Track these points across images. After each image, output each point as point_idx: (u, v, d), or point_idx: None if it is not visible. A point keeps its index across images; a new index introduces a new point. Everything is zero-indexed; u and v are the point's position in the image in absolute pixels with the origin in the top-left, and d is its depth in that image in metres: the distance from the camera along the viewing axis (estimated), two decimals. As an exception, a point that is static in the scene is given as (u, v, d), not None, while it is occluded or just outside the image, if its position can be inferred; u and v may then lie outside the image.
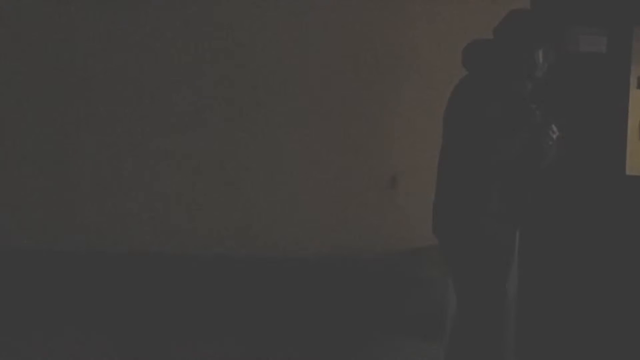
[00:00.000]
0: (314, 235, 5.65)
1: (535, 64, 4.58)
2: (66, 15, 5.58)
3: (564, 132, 4.60)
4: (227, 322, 5.50)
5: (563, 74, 5.85)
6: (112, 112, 5.62)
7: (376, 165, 5.64)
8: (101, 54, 5.60)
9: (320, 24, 5.64)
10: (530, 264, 5.84)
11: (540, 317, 5.88)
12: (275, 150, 5.64)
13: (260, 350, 5.48)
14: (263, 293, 5.50)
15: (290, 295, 5.51)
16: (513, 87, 4.58)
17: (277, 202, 5.65)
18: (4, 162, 5.60)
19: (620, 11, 5.85)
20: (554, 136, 4.59)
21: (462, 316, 4.68)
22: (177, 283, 5.49)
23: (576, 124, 5.87)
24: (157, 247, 5.59)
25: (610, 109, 5.87)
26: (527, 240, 5.82)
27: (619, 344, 5.86)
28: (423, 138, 5.49)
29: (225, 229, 5.63)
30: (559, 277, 5.89)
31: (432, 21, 5.64)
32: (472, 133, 4.48)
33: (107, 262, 5.51)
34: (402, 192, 5.59)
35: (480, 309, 4.64)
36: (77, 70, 5.60)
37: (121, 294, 5.48)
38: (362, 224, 5.64)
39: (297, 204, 5.66)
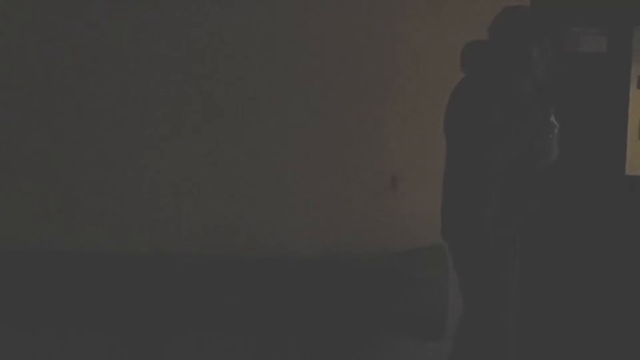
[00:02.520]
0: (314, 235, 5.64)
1: (531, 61, 4.55)
2: (69, 15, 5.58)
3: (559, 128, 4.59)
4: (227, 322, 5.50)
5: (563, 74, 5.85)
6: (112, 113, 5.62)
7: (376, 166, 5.63)
8: (102, 53, 5.60)
9: (320, 24, 5.64)
10: (530, 264, 5.83)
11: (540, 317, 5.87)
12: (275, 151, 5.64)
13: (260, 350, 5.48)
14: (263, 293, 5.50)
15: (289, 295, 5.50)
16: (512, 86, 4.56)
17: (277, 202, 5.65)
18: (5, 162, 5.60)
19: (620, 11, 5.85)
20: (555, 130, 4.56)
21: (466, 318, 4.70)
22: (177, 283, 5.49)
23: (576, 124, 5.87)
24: (157, 247, 5.59)
25: (610, 108, 5.87)
26: (527, 240, 5.81)
27: (619, 344, 5.86)
28: (423, 138, 5.49)
29: (225, 229, 5.63)
30: (559, 277, 5.89)
31: (433, 21, 5.63)
32: (473, 137, 4.46)
33: (107, 262, 5.51)
34: (402, 192, 5.59)
35: (484, 310, 4.66)
36: (78, 69, 5.59)
37: (121, 294, 5.48)
38: (362, 224, 5.64)
39: (297, 204, 5.65)
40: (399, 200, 5.60)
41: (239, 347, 5.50)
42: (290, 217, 5.65)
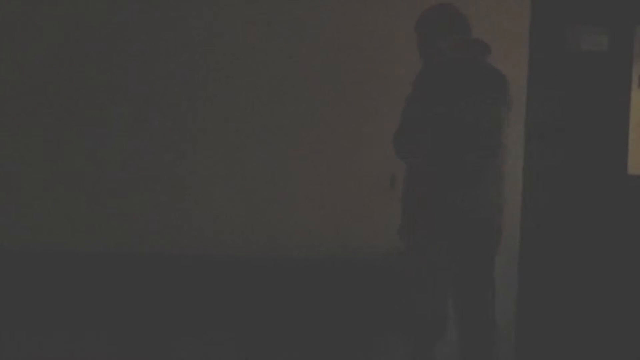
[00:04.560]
0: (314, 235, 5.64)
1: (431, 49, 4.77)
2: (69, 15, 5.59)
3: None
4: (227, 322, 5.49)
5: (564, 72, 5.84)
6: (114, 112, 5.62)
7: (376, 165, 5.62)
8: (103, 52, 5.60)
9: (319, 25, 5.63)
10: (531, 263, 5.82)
11: (540, 317, 5.86)
12: (274, 151, 5.64)
13: (260, 351, 5.47)
14: (263, 293, 5.50)
15: (290, 295, 5.50)
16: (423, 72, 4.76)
17: (277, 202, 5.65)
18: (6, 162, 5.61)
19: (621, 9, 5.84)
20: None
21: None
22: (177, 283, 5.49)
23: (577, 123, 5.86)
24: (157, 247, 5.59)
25: (612, 107, 5.85)
26: (528, 240, 5.80)
27: (620, 344, 5.84)
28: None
29: (225, 229, 5.63)
30: (560, 277, 5.87)
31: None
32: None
33: (107, 262, 5.51)
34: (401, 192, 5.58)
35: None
36: (79, 68, 5.60)
37: (121, 294, 5.48)
38: (362, 224, 5.63)
39: (297, 204, 5.65)
40: (399, 200, 5.58)
41: (239, 347, 5.49)
42: (289, 217, 5.64)
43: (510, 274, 5.67)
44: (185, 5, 5.61)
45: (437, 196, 4.62)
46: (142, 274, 5.50)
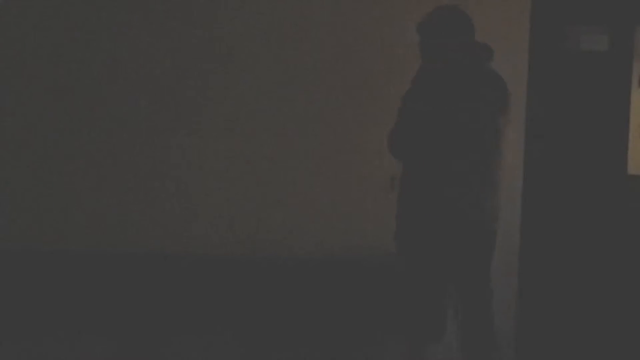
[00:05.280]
0: (315, 235, 5.64)
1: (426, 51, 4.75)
2: (70, 15, 5.59)
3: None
4: (227, 322, 5.50)
5: (564, 72, 5.83)
6: (115, 111, 5.62)
7: (375, 166, 5.62)
8: (104, 50, 5.60)
9: (319, 25, 5.63)
10: (531, 263, 5.82)
11: (540, 317, 5.86)
12: (274, 152, 5.64)
13: (260, 351, 5.48)
14: (263, 293, 5.50)
15: (290, 295, 5.50)
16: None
17: (277, 203, 5.65)
18: (5, 162, 5.61)
19: (622, 9, 5.83)
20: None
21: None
22: (178, 283, 5.49)
23: (577, 123, 5.85)
24: (157, 247, 5.59)
25: (612, 107, 5.85)
26: (528, 240, 5.80)
27: (620, 344, 5.84)
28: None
29: (226, 229, 5.63)
30: (560, 277, 5.87)
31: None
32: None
33: (107, 262, 5.51)
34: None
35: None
36: (79, 68, 5.60)
37: (121, 294, 5.49)
38: (362, 224, 5.63)
39: (297, 205, 5.65)
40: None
41: (239, 347, 5.49)
42: (290, 217, 5.64)
43: (510, 275, 5.66)
44: (186, 5, 5.62)
45: (427, 199, 4.60)
46: (143, 274, 5.50)
